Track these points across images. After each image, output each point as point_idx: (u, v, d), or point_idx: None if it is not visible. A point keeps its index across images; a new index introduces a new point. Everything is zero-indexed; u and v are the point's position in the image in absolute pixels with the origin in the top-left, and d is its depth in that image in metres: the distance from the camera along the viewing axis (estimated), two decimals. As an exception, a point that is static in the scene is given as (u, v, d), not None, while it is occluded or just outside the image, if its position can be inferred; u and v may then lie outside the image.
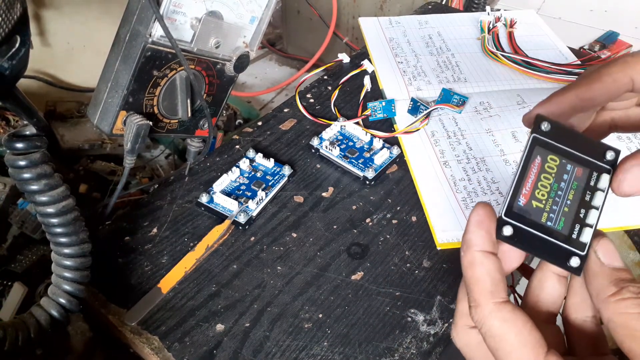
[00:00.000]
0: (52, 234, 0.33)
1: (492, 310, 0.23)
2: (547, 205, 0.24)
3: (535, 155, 0.24)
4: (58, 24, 0.63)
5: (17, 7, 0.27)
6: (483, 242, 0.24)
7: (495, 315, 0.23)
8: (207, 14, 0.38)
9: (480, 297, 0.23)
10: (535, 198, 0.24)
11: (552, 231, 0.24)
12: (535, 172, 0.24)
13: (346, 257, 0.41)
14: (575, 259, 0.24)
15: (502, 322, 0.23)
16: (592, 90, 0.26)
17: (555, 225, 0.24)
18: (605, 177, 0.24)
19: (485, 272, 0.24)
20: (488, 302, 0.23)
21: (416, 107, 0.53)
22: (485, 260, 0.24)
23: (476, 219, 0.24)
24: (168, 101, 0.41)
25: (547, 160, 0.24)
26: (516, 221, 0.24)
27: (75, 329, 0.38)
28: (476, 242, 0.24)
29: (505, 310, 0.23)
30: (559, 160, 0.24)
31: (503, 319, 0.23)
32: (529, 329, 0.22)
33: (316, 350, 0.35)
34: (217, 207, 0.43)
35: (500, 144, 0.50)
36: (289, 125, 0.53)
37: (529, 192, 0.24)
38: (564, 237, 0.24)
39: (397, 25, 0.68)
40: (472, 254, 0.24)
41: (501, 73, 0.59)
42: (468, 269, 0.24)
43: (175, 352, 0.34)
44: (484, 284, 0.23)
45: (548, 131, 0.24)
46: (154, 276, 0.39)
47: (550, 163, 0.24)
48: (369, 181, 0.46)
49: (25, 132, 0.31)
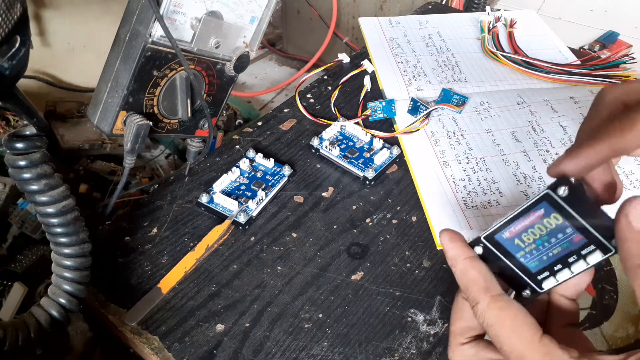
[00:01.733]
0: (52, 234, 0.33)
1: (489, 302, 0.25)
2: (527, 248, 0.26)
3: (539, 207, 0.25)
4: (58, 24, 0.63)
5: (17, 7, 0.27)
6: (464, 252, 0.27)
7: (493, 306, 0.25)
8: (207, 14, 0.38)
9: (477, 294, 0.26)
10: (519, 238, 0.26)
11: (521, 265, 0.27)
12: (531, 220, 0.25)
13: (346, 257, 0.41)
14: (528, 291, 0.27)
15: (499, 311, 0.25)
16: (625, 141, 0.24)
17: (526, 263, 0.27)
18: (597, 255, 0.24)
19: (476, 273, 0.26)
20: (485, 297, 0.25)
21: (416, 107, 0.53)
22: (473, 264, 0.27)
23: (446, 239, 0.28)
24: (168, 101, 0.41)
25: (549, 216, 0.25)
26: (491, 245, 0.27)
27: (75, 329, 0.38)
28: (458, 254, 0.27)
29: (501, 301, 0.25)
30: (561, 221, 0.25)
31: (499, 308, 0.25)
32: (523, 314, 0.24)
33: (316, 350, 0.35)
34: (217, 207, 0.43)
35: (500, 144, 0.50)
36: (289, 125, 0.53)
37: (516, 232, 0.26)
38: (529, 274, 0.27)
39: (397, 25, 0.68)
40: (461, 263, 0.27)
41: (501, 73, 0.59)
42: (462, 277, 0.27)
43: (175, 352, 0.34)
44: (478, 282, 0.26)
45: (565, 196, 0.24)
46: (154, 276, 0.39)
47: (551, 219, 0.25)
48: (369, 181, 0.46)
49: (25, 132, 0.31)
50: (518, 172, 0.47)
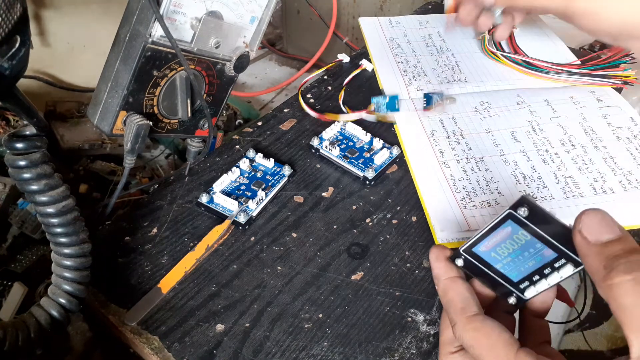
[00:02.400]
0: (52, 234, 0.33)
1: (465, 324, 0.26)
2: (505, 260, 0.27)
3: (506, 226, 0.26)
4: (58, 24, 0.63)
5: (17, 7, 0.27)
6: (446, 272, 0.29)
7: (468, 327, 0.26)
8: (207, 14, 0.38)
9: (454, 315, 0.27)
10: (495, 252, 0.27)
11: (502, 275, 0.28)
12: (502, 237, 0.26)
13: (346, 257, 0.41)
14: (513, 298, 0.28)
15: (474, 332, 0.26)
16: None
17: (506, 273, 0.27)
18: (569, 268, 0.25)
19: (455, 294, 0.28)
20: (461, 318, 0.26)
21: (430, 99, 0.53)
22: (452, 285, 0.28)
23: (433, 257, 0.30)
24: (168, 101, 0.41)
25: (517, 233, 0.26)
26: (471, 257, 0.28)
27: (75, 329, 0.38)
28: (441, 273, 0.29)
29: (475, 321, 0.26)
30: (529, 237, 0.25)
31: (474, 328, 0.26)
32: (497, 333, 0.25)
33: (316, 350, 0.35)
34: (217, 207, 0.43)
35: (499, 144, 0.50)
36: (289, 125, 0.53)
37: (491, 246, 0.27)
38: (511, 282, 0.28)
39: (397, 25, 0.68)
40: (443, 283, 0.29)
41: (501, 73, 0.59)
42: (443, 296, 0.28)
43: (175, 352, 0.34)
44: (456, 304, 0.27)
45: (526, 216, 0.25)
46: (154, 276, 0.39)
47: (520, 236, 0.26)
48: (369, 181, 0.46)
49: (25, 132, 0.31)
50: (517, 172, 0.47)
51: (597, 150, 0.48)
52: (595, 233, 0.22)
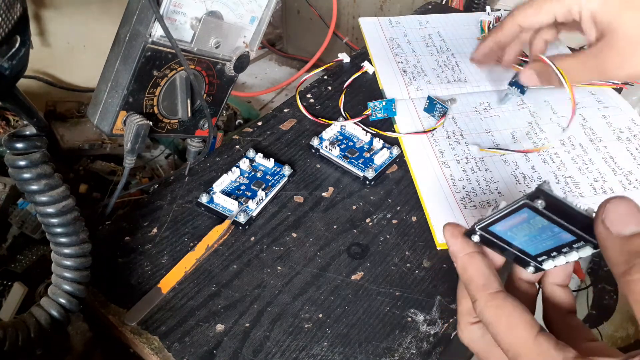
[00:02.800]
0: (52, 234, 0.33)
1: (487, 301, 0.26)
2: (522, 239, 0.27)
3: (522, 212, 0.25)
4: (58, 24, 0.63)
5: (17, 7, 0.27)
6: (463, 247, 0.28)
7: (490, 304, 0.25)
8: (207, 14, 0.38)
9: (475, 292, 0.26)
10: (512, 232, 0.27)
11: (520, 250, 0.27)
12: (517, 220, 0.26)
13: (346, 257, 0.41)
14: (532, 267, 0.27)
15: (495, 309, 0.25)
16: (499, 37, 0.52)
17: (524, 248, 0.27)
18: (588, 249, 0.24)
19: (475, 270, 0.27)
20: (482, 295, 0.26)
21: (432, 105, 0.52)
22: (472, 261, 0.27)
23: (448, 234, 0.28)
24: (168, 101, 0.41)
25: (534, 218, 0.25)
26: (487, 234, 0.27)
27: (75, 329, 0.38)
28: (458, 249, 0.28)
29: (498, 298, 0.25)
30: (547, 223, 0.24)
31: (496, 306, 0.25)
32: (519, 312, 0.25)
33: (316, 350, 0.35)
34: (217, 207, 0.43)
35: (499, 144, 0.50)
36: (289, 125, 0.53)
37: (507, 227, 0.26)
38: (529, 255, 0.27)
39: (397, 25, 0.68)
40: (461, 260, 0.28)
41: (501, 73, 0.59)
42: (462, 273, 0.28)
43: (175, 352, 0.34)
44: (476, 280, 0.27)
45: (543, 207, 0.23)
46: (154, 276, 0.39)
47: (536, 221, 0.25)
48: (369, 181, 0.46)
49: (25, 132, 0.31)
50: (517, 172, 0.47)
51: (597, 151, 0.48)
52: (619, 225, 0.21)
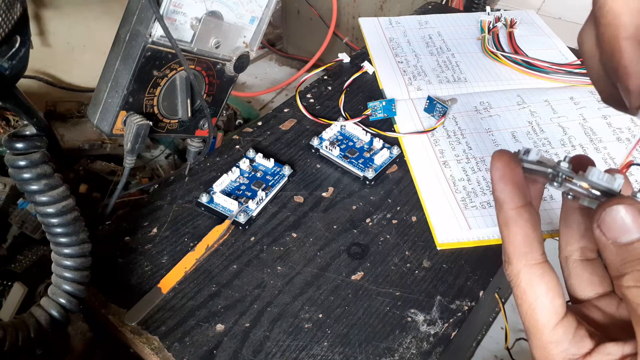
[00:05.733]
0: (52, 234, 0.33)
1: (521, 270, 0.23)
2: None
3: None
4: (58, 24, 0.63)
5: (17, 7, 0.27)
6: (512, 198, 0.23)
7: (522, 277, 0.23)
8: (207, 14, 0.38)
9: (513, 257, 0.23)
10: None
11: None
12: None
13: (346, 257, 0.41)
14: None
15: (526, 285, 0.23)
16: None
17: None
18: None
19: (519, 231, 0.23)
20: (519, 264, 0.23)
21: (432, 105, 0.52)
22: (518, 219, 0.23)
23: (498, 174, 0.23)
24: (168, 101, 0.41)
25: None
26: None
27: (75, 329, 0.38)
28: (505, 199, 0.23)
29: (534, 274, 0.23)
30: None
31: (528, 282, 0.23)
32: (549, 297, 0.23)
33: (316, 350, 0.35)
34: (217, 207, 0.43)
35: (500, 144, 0.50)
36: (289, 125, 0.53)
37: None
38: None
39: (397, 25, 0.68)
40: (505, 214, 0.24)
41: (501, 73, 0.59)
42: (503, 228, 0.24)
43: (175, 352, 0.34)
44: (518, 244, 0.23)
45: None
46: (154, 276, 0.39)
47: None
48: (369, 181, 0.46)
49: (25, 132, 0.31)
50: (518, 172, 0.47)
51: (597, 151, 0.48)
52: (614, 232, 0.21)
